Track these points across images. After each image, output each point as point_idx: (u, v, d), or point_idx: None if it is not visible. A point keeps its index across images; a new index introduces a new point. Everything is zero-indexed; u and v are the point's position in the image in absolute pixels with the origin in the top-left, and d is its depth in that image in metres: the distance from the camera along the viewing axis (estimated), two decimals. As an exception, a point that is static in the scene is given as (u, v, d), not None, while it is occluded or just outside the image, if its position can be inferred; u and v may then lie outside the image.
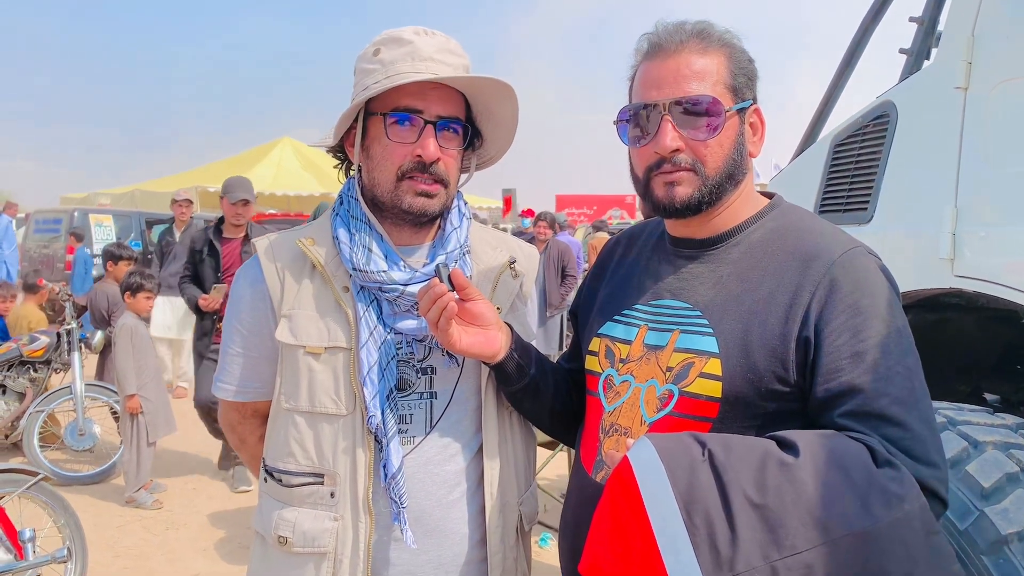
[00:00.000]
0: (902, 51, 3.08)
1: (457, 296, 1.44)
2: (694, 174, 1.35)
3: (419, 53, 1.49)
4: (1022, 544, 1.61)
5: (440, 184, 1.53)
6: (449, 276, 1.44)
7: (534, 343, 1.70)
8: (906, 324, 1.29)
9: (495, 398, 1.60)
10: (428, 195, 1.52)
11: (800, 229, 1.38)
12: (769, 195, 1.49)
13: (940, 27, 2.85)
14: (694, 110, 1.33)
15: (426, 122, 1.50)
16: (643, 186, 1.41)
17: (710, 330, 1.33)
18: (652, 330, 1.41)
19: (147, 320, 5.68)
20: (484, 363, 1.55)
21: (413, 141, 1.50)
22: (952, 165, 2.30)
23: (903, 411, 1.20)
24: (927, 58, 2.99)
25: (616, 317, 1.49)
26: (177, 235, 8.23)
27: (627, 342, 1.44)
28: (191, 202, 8.62)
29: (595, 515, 1.23)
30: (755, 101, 1.42)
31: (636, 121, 1.39)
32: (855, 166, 2.84)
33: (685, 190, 1.35)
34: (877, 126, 2.74)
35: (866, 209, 2.69)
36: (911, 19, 3.07)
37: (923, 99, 2.56)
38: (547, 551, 4.46)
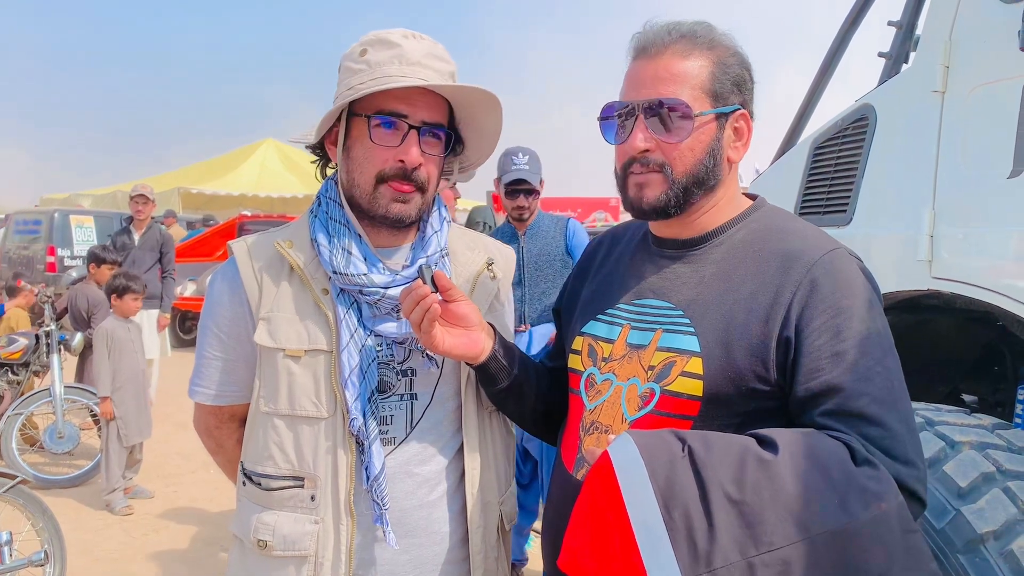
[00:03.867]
0: (881, 55, 3.11)
1: (440, 297, 1.44)
2: (662, 176, 1.36)
3: (407, 57, 1.48)
4: (998, 543, 1.62)
5: (418, 190, 1.52)
6: (432, 277, 1.43)
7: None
8: (886, 325, 1.30)
9: (475, 399, 1.61)
10: (405, 200, 1.51)
11: (782, 230, 1.39)
12: (752, 197, 1.50)
13: (918, 31, 2.88)
14: (664, 113, 1.34)
15: (410, 127, 1.49)
16: (620, 183, 1.44)
17: (692, 329, 1.34)
18: (635, 329, 1.42)
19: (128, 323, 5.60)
20: (467, 364, 1.55)
21: (396, 145, 1.49)
22: (930, 168, 2.32)
23: (882, 410, 1.21)
24: (906, 62, 3.01)
25: (599, 316, 1.50)
26: (136, 237, 7.58)
27: (610, 341, 1.45)
28: (146, 199, 7.65)
29: (574, 509, 1.23)
30: (744, 106, 1.41)
31: (615, 120, 1.42)
32: (835, 169, 2.86)
33: (652, 192, 1.37)
34: (856, 129, 2.76)
35: (845, 211, 2.71)
36: (890, 23, 3.10)
37: (902, 102, 2.58)
38: (529, 551, 4.46)
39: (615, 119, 1.41)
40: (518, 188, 4.17)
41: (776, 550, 1.07)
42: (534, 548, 4.52)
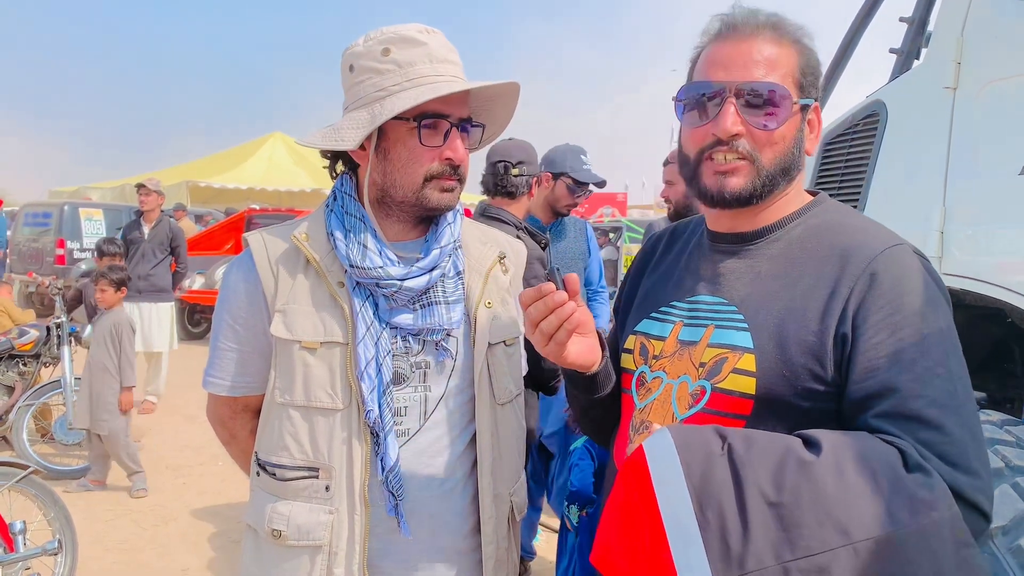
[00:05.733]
0: (892, 51, 3.11)
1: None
2: (750, 164, 1.29)
3: (435, 55, 1.51)
4: (1006, 538, 1.63)
5: (460, 181, 1.58)
6: (563, 280, 1.28)
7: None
8: (951, 326, 1.21)
9: (488, 391, 1.62)
10: (451, 190, 1.56)
11: (842, 225, 1.32)
12: (813, 192, 1.43)
13: (930, 27, 2.87)
14: (761, 98, 1.27)
15: (452, 125, 1.52)
16: (692, 169, 1.35)
17: (745, 325, 1.28)
18: (687, 326, 1.36)
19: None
20: (576, 373, 1.41)
21: (439, 144, 1.52)
22: (941, 164, 2.32)
23: (941, 414, 1.12)
24: (917, 58, 3.01)
25: (652, 314, 1.45)
26: (146, 230, 7.61)
27: (661, 338, 1.40)
28: (148, 189, 7.62)
29: (607, 503, 1.20)
30: (816, 99, 1.36)
31: (697, 100, 1.33)
32: (845, 164, 2.86)
33: (738, 181, 1.30)
34: (867, 125, 2.76)
35: (855, 207, 2.71)
36: (901, 19, 3.09)
37: (913, 98, 2.57)
38: (537, 545, 4.48)
39: (697, 100, 1.32)
40: (584, 189, 4.00)
41: (814, 555, 1.02)
42: (541, 542, 4.54)
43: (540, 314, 1.27)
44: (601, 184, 4.07)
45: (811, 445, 1.10)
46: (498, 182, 3.31)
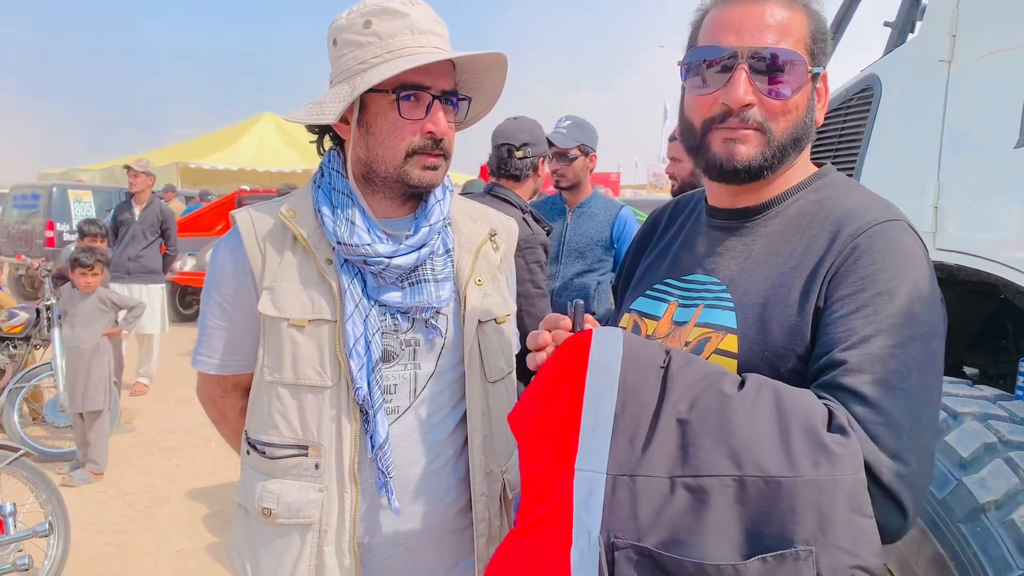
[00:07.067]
0: (887, 24, 3.08)
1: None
2: (761, 134, 1.23)
3: (416, 26, 1.48)
4: (999, 513, 1.62)
5: (444, 158, 1.53)
6: (581, 316, 1.29)
7: None
8: (931, 314, 1.14)
9: (479, 368, 1.61)
10: (434, 168, 1.52)
11: (841, 200, 1.25)
12: (819, 164, 1.37)
13: (924, 0, 2.85)
14: (775, 64, 1.20)
15: (434, 97, 1.49)
16: (698, 139, 1.28)
17: (731, 305, 1.24)
18: (681, 306, 1.33)
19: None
20: None
21: (421, 117, 1.49)
22: (935, 138, 2.31)
23: (882, 393, 1.07)
24: (911, 31, 2.98)
25: (648, 292, 1.41)
26: (136, 212, 7.55)
27: (655, 318, 1.36)
28: (135, 172, 7.55)
29: (541, 370, 1.21)
30: (825, 67, 1.29)
31: (704, 66, 1.25)
32: (839, 139, 2.84)
33: (749, 150, 1.22)
34: (861, 99, 2.74)
35: (849, 183, 2.69)
36: (896, -8, 3.06)
37: (907, 72, 2.55)
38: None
39: (704, 65, 1.25)
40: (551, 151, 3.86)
41: (700, 477, 1.02)
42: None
43: (544, 340, 1.27)
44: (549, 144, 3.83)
45: (744, 383, 1.10)
46: (502, 165, 3.27)
